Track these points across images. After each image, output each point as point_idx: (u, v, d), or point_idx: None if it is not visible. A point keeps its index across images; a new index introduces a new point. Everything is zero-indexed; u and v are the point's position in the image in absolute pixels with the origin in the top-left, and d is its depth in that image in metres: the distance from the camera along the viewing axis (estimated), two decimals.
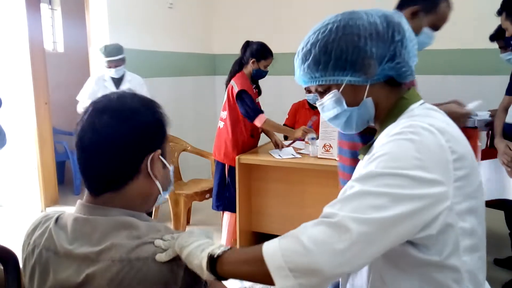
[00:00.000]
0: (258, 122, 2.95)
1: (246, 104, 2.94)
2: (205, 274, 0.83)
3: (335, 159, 2.79)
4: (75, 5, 5.15)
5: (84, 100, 3.55)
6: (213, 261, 0.82)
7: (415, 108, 0.95)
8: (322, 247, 0.74)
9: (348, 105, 0.96)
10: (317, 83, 0.98)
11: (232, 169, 3.02)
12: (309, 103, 3.72)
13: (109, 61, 3.44)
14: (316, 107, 3.64)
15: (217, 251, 0.82)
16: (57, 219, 0.96)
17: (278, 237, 0.80)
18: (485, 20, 2.97)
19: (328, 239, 0.74)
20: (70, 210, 0.99)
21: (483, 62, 4.01)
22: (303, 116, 3.78)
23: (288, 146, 3.25)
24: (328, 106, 0.99)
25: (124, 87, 3.48)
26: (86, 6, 3.70)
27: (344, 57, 0.91)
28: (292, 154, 2.95)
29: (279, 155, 2.94)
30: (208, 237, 0.90)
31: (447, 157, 0.81)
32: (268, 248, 0.78)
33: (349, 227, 0.73)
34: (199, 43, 5.07)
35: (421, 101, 0.98)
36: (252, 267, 0.79)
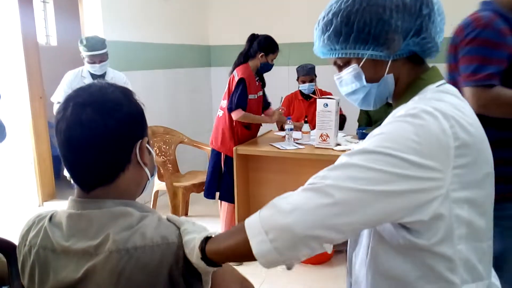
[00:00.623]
0: (234, 115, 3.00)
1: (235, 94, 2.97)
2: (195, 256, 0.84)
3: (332, 149, 2.81)
4: None
5: (61, 101, 3.38)
6: (204, 244, 0.83)
7: (429, 90, 0.89)
8: (298, 206, 0.75)
9: (367, 80, 0.92)
10: (336, 55, 0.93)
11: (228, 159, 3.04)
12: (302, 94, 3.73)
13: (92, 56, 3.13)
14: (310, 98, 3.68)
15: (212, 235, 0.85)
16: (50, 218, 0.95)
17: (263, 207, 0.82)
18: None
19: (306, 199, 0.75)
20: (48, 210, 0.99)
21: None
22: (298, 108, 3.78)
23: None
24: (347, 80, 0.95)
25: None
26: None
27: (367, 29, 0.87)
28: (295, 145, 2.96)
29: (282, 146, 2.95)
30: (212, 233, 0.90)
31: (449, 143, 0.78)
32: (250, 218, 0.81)
33: (330, 192, 0.74)
34: (194, 34, 5.04)
35: (440, 82, 0.91)
36: (236, 237, 0.81)
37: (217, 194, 3.20)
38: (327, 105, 2.79)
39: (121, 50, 3.80)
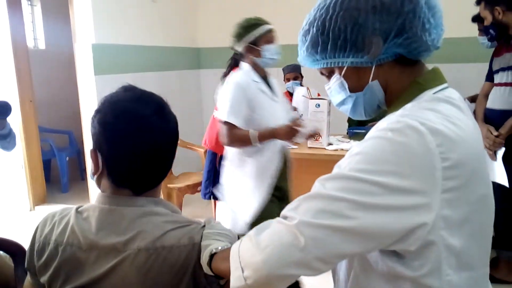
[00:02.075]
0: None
1: None
2: (205, 268, 0.86)
3: (324, 148, 2.88)
4: (55, 1, 5.09)
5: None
6: (211, 256, 0.85)
7: (425, 97, 0.80)
8: (270, 243, 0.71)
9: (351, 90, 0.87)
10: (319, 66, 0.89)
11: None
12: (290, 94, 3.78)
13: None
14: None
15: (218, 248, 0.86)
16: (76, 214, 0.97)
17: (244, 236, 0.80)
18: (464, 9, 3.08)
19: (278, 236, 0.71)
20: (59, 209, 1.02)
21: (463, 50, 4.14)
22: None
23: None
24: (334, 90, 0.90)
25: None
26: (70, 1, 3.66)
27: (342, 36, 0.81)
28: (288, 145, 3.00)
29: None
30: (231, 240, 0.92)
31: (434, 163, 0.69)
32: (235, 245, 0.79)
33: (299, 231, 0.69)
34: (184, 37, 5.06)
35: (439, 87, 0.82)
36: (225, 265, 0.79)
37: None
38: (319, 105, 2.85)
39: (112, 53, 3.81)
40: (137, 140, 0.91)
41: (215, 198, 3.20)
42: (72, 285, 0.94)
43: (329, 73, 0.90)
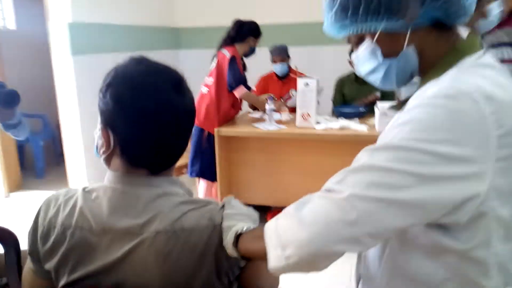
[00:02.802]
0: (237, 92, 3.03)
1: (233, 73, 3.01)
2: (230, 249, 0.82)
3: (313, 127, 2.85)
4: None
5: None
6: (237, 238, 0.81)
7: (467, 63, 0.75)
8: (317, 219, 0.67)
9: (385, 56, 0.81)
10: (348, 32, 0.83)
11: (210, 136, 3.04)
12: (276, 75, 3.74)
13: None
14: (284, 78, 3.70)
15: (243, 229, 0.82)
16: (84, 195, 0.91)
17: (280, 213, 0.76)
18: None
19: (325, 211, 0.67)
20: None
21: None
22: (273, 88, 3.79)
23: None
24: (363, 58, 0.85)
25: None
26: None
27: None
28: (276, 126, 2.97)
29: (264, 127, 2.95)
30: (253, 221, 0.88)
31: (489, 131, 0.66)
32: (269, 224, 0.75)
33: (350, 205, 0.65)
34: (163, 16, 4.91)
35: (480, 53, 0.77)
36: (259, 244, 0.75)
37: None
38: (308, 84, 2.82)
39: (90, 32, 3.65)
40: (157, 117, 0.85)
41: (200, 175, 3.15)
42: (82, 271, 0.88)
43: (358, 40, 0.85)
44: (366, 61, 0.85)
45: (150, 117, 0.84)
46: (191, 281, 0.86)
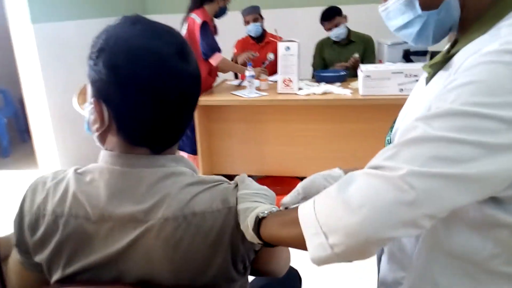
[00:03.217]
0: (213, 60, 2.87)
1: (207, 40, 2.83)
2: (249, 235, 0.74)
3: (295, 93, 2.76)
4: None
5: None
6: (258, 222, 0.72)
7: None
8: (367, 201, 0.58)
9: (423, 8, 0.73)
10: None
11: None
12: (252, 38, 3.60)
13: None
14: (260, 41, 3.56)
15: (265, 212, 0.73)
16: (76, 178, 0.79)
17: (317, 195, 0.67)
18: None
19: (377, 192, 0.58)
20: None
21: None
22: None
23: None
24: (395, 11, 0.77)
25: None
26: None
27: None
28: (257, 93, 2.86)
29: (245, 95, 2.83)
30: (270, 201, 0.80)
31: None
32: (304, 208, 0.66)
33: (408, 184, 0.56)
34: None
35: None
36: (290, 231, 0.67)
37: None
38: (289, 48, 2.71)
39: None
40: (159, 88, 0.73)
41: (180, 148, 3.03)
42: (79, 264, 0.78)
43: None
44: (399, 14, 0.76)
45: (151, 88, 0.73)
46: (205, 270, 0.78)
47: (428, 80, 0.78)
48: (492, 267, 0.69)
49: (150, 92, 0.73)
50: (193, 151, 2.97)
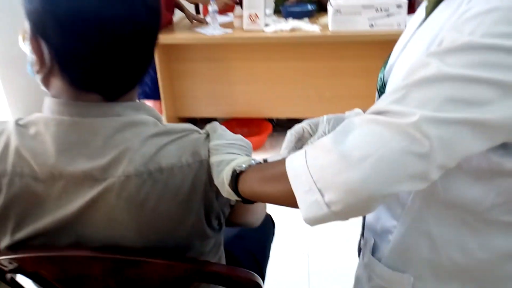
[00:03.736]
0: None
1: None
2: (226, 192, 0.66)
3: (262, 30, 2.61)
4: None
5: None
6: (236, 177, 0.64)
7: None
8: (370, 153, 0.49)
9: None
10: None
11: None
12: None
13: None
14: None
15: (242, 166, 0.65)
16: (18, 131, 0.68)
17: (307, 146, 0.58)
18: None
19: (382, 142, 0.49)
20: None
21: None
22: None
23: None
24: None
25: None
26: None
27: None
28: (221, 30, 2.67)
29: (208, 32, 2.64)
30: (247, 152, 0.72)
31: None
32: (292, 161, 0.57)
33: (421, 133, 0.48)
34: None
35: None
36: (275, 187, 0.60)
37: None
38: None
39: None
40: (106, 18, 0.60)
41: (147, 97, 2.84)
42: (30, 228, 0.69)
43: None
44: None
45: (95, 19, 0.60)
46: (175, 230, 0.70)
47: (429, 9, 0.67)
48: (492, 216, 0.64)
49: (94, 24, 0.60)
50: (158, 97, 2.79)
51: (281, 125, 3.14)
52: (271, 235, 1.34)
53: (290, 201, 0.56)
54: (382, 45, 2.69)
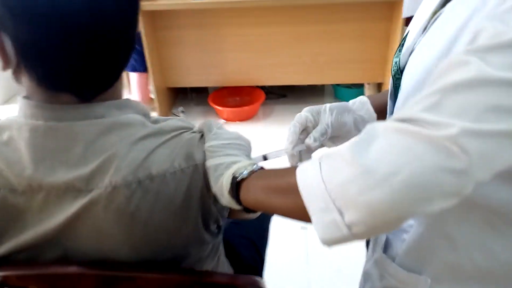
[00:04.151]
0: None
1: None
2: (225, 199, 0.59)
3: None
4: None
5: None
6: (237, 184, 0.57)
7: None
8: (399, 169, 0.42)
9: None
10: None
11: None
12: None
13: None
14: None
15: (243, 172, 0.58)
16: None
17: (321, 155, 0.51)
18: None
19: (419, 161, 0.42)
20: None
21: None
22: None
23: None
24: None
25: None
26: None
27: None
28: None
29: None
30: (246, 152, 0.64)
31: None
32: (305, 173, 0.50)
33: (459, 147, 0.41)
34: None
35: None
36: (284, 200, 0.53)
37: None
38: None
39: None
40: (67, 8, 0.52)
41: (134, 70, 2.71)
42: (12, 243, 0.63)
43: None
44: None
45: (52, 11, 0.51)
46: (172, 241, 0.64)
47: None
48: None
49: (52, 15, 0.51)
50: (146, 69, 2.66)
51: (274, 93, 3.04)
52: (269, 215, 1.29)
53: (302, 216, 0.50)
54: (380, 7, 2.59)
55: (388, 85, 0.73)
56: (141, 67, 2.65)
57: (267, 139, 2.58)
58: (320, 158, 0.49)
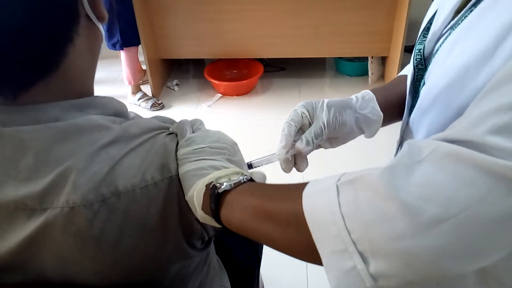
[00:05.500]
0: None
1: None
2: (200, 216, 0.49)
3: None
4: None
5: None
6: (216, 196, 0.47)
7: None
8: (463, 219, 0.32)
9: None
10: None
11: None
12: None
13: None
14: None
15: (224, 183, 0.47)
16: None
17: (336, 178, 0.39)
18: None
19: (485, 204, 0.32)
20: None
21: None
22: None
23: None
24: None
25: None
26: None
27: None
28: None
29: None
30: (228, 155, 0.54)
31: None
32: (314, 198, 0.39)
33: None
34: None
35: None
36: (284, 232, 0.41)
37: None
38: None
39: None
40: None
41: (127, 45, 2.51)
42: None
43: None
44: None
45: None
46: (150, 263, 0.54)
47: None
48: None
49: None
50: (139, 42, 2.48)
51: (273, 66, 2.91)
52: None
53: (307, 255, 0.40)
54: None
55: (394, 59, 0.62)
56: (135, 40, 2.47)
57: (265, 115, 2.47)
58: (339, 181, 0.38)
